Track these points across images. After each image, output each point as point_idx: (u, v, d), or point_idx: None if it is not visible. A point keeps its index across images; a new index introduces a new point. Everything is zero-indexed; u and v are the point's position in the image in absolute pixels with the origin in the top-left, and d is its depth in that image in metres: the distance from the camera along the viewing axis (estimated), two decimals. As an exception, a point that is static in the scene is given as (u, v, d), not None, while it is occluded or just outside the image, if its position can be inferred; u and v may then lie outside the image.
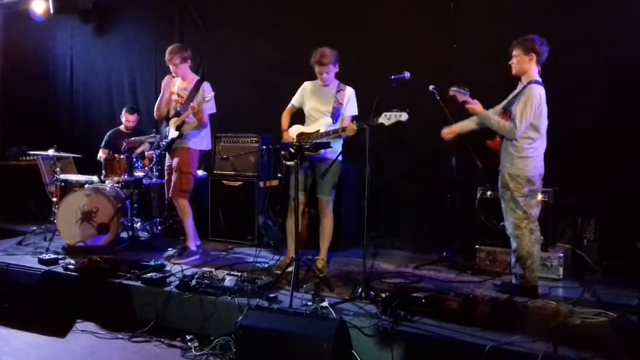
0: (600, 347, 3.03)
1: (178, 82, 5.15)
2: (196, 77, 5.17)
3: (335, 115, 4.49)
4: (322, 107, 4.55)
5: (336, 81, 4.57)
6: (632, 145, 4.62)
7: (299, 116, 4.73)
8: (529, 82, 3.92)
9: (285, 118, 4.75)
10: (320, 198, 4.56)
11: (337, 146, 4.49)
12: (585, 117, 4.84)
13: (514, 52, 3.96)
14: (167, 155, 5.20)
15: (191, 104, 4.84)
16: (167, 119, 5.17)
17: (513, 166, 3.97)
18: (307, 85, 4.70)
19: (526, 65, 3.94)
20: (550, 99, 4.01)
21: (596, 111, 4.80)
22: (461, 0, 5.32)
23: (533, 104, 3.81)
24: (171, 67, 5.01)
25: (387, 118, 4.02)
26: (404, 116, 3.99)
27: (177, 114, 5.04)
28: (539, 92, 3.85)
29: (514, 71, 4.01)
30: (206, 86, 5.00)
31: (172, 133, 5.02)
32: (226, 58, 6.61)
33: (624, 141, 4.64)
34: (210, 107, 5.01)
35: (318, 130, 4.48)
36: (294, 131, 4.63)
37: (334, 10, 5.96)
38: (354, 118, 4.49)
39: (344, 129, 4.33)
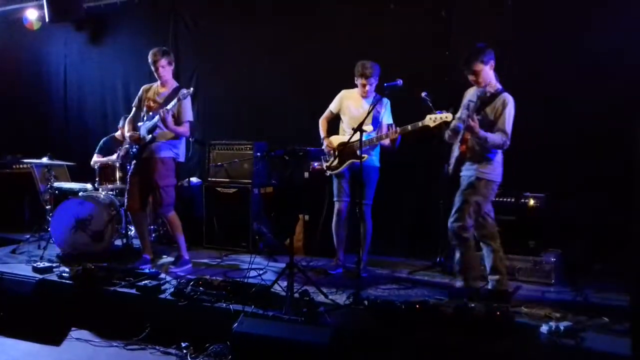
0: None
1: (154, 87, 4.97)
2: (175, 84, 4.97)
3: (374, 122, 4.60)
4: (362, 117, 4.53)
5: (373, 92, 4.70)
6: (623, 148, 4.66)
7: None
8: (498, 91, 3.94)
9: (323, 125, 4.87)
10: (361, 203, 4.60)
11: (376, 154, 4.69)
12: (576, 121, 4.89)
13: (475, 68, 3.88)
14: (133, 163, 4.94)
15: (162, 109, 4.62)
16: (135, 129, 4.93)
17: (490, 172, 3.97)
18: (345, 93, 4.83)
19: (488, 74, 3.93)
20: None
21: (588, 115, 4.85)
22: (453, 8, 5.39)
23: (512, 113, 3.86)
24: (159, 70, 4.80)
25: (432, 120, 4.13)
26: (449, 116, 4.09)
27: (150, 119, 4.81)
28: (513, 101, 3.89)
29: (480, 85, 3.95)
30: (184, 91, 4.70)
31: (144, 137, 4.80)
32: (220, 66, 6.63)
33: (615, 145, 4.68)
34: (186, 114, 4.81)
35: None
36: (334, 141, 4.75)
37: (328, 19, 6.01)
38: (389, 127, 4.64)
39: (386, 135, 4.46)
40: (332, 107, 4.87)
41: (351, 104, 4.76)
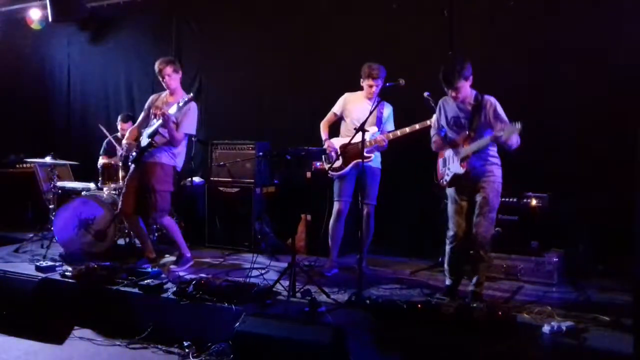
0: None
1: (163, 96, 4.96)
2: (183, 93, 4.92)
3: (378, 123, 4.70)
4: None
5: (377, 97, 4.69)
6: (626, 149, 4.66)
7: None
8: (479, 99, 3.82)
9: (325, 128, 4.89)
10: (367, 204, 4.68)
11: (378, 155, 4.76)
12: (579, 121, 4.88)
13: (458, 84, 3.71)
14: (132, 167, 4.92)
15: (164, 111, 4.60)
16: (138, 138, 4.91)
17: (498, 177, 3.91)
18: (348, 96, 4.85)
19: (468, 89, 3.82)
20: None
21: (591, 114, 4.84)
22: (455, 8, 5.38)
23: (501, 107, 3.81)
24: (165, 79, 4.81)
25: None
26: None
27: (153, 125, 4.79)
28: (494, 98, 3.84)
29: (460, 99, 3.83)
30: (192, 105, 4.71)
31: (144, 141, 4.79)
32: (223, 67, 6.65)
33: (617, 144, 4.68)
34: (188, 126, 4.80)
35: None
36: (336, 143, 4.76)
37: (330, 20, 6.02)
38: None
39: (387, 136, 4.60)
40: (336, 109, 4.88)
41: (356, 107, 4.76)
